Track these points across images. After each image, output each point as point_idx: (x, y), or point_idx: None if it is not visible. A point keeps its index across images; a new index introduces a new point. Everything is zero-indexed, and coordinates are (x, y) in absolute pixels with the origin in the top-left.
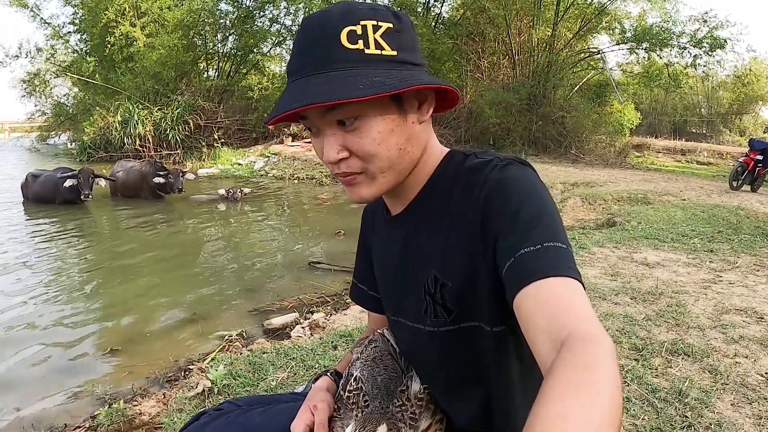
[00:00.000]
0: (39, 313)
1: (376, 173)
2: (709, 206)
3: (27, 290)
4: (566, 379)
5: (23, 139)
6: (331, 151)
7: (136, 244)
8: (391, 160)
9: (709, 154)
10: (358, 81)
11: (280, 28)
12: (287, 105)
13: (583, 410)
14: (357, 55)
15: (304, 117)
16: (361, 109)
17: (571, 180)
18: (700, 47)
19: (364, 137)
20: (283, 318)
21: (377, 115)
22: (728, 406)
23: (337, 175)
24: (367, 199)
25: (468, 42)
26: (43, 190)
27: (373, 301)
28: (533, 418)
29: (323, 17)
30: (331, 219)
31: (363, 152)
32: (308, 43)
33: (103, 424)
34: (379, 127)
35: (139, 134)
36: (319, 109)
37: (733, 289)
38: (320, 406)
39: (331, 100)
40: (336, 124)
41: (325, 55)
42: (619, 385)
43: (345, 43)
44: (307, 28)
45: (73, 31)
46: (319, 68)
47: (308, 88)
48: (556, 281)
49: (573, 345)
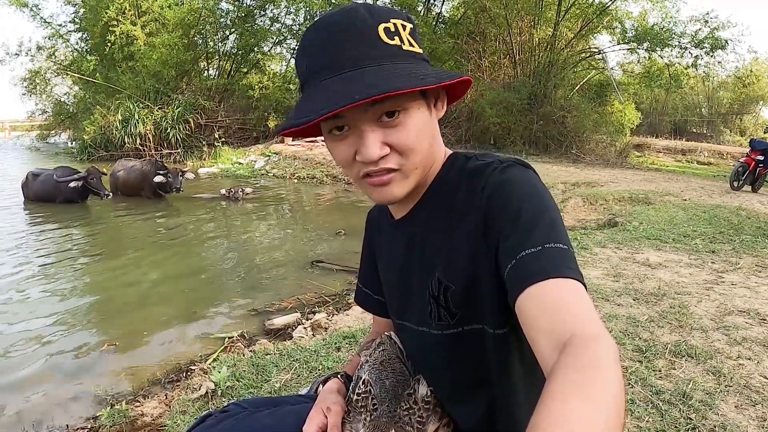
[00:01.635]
0: (39, 313)
1: (410, 170)
2: (710, 207)
3: (27, 290)
4: (569, 380)
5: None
6: (374, 147)
7: (137, 243)
8: (423, 156)
9: (709, 154)
10: (410, 73)
11: (280, 27)
12: (335, 102)
13: (587, 411)
14: (397, 51)
15: (335, 117)
16: (405, 102)
17: (572, 180)
18: (701, 48)
19: (406, 131)
20: (285, 318)
21: (416, 108)
22: (732, 408)
23: (365, 176)
24: (397, 199)
25: (469, 41)
26: (43, 189)
27: (378, 305)
28: (537, 419)
29: (351, 14)
30: (331, 218)
31: (405, 147)
32: (341, 39)
33: (105, 425)
34: (419, 122)
35: (140, 133)
36: (366, 104)
37: (735, 291)
38: (333, 408)
39: (401, 88)
40: (375, 120)
41: (367, 50)
42: (623, 386)
43: (385, 39)
44: (333, 25)
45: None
46: (361, 63)
47: (360, 81)
48: (557, 282)
49: (575, 346)
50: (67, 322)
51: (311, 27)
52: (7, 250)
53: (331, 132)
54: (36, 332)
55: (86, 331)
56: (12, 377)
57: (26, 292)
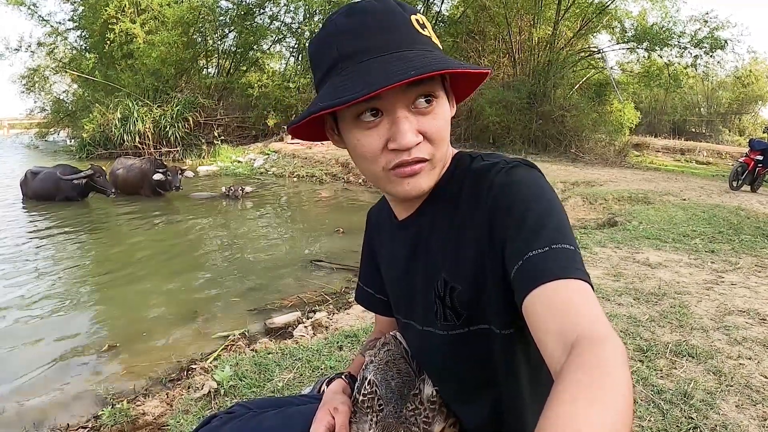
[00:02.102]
0: (39, 312)
1: (437, 161)
2: (709, 206)
3: (27, 289)
4: (577, 381)
5: (22, 135)
6: (409, 134)
7: (137, 241)
8: (447, 146)
9: (708, 153)
10: (445, 59)
11: (279, 25)
12: (389, 78)
13: (595, 412)
14: (429, 41)
15: (371, 100)
16: (438, 89)
17: (571, 179)
18: (701, 47)
19: (438, 120)
20: (285, 317)
21: (444, 99)
22: (733, 408)
23: (395, 167)
24: (424, 191)
25: (468, 40)
26: (43, 187)
27: (381, 304)
28: (544, 421)
29: (385, 3)
30: (330, 216)
31: (437, 135)
32: (378, 25)
33: (106, 425)
34: (446, 110)
35: (139, 131)
36: (405, 85)
37: (735, 290)
38: (341, 408)
39: (452, 68)
40: (409, 106)
41: (404, 36)
42: (631, 387)
43: (417, 28)
44: (368, 12)
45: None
46: (399, 47)
47: (408, 61)
48: (564, 283)
49: (583, 347)
50: (67, 321)
51: (340, 14)
52: (7, 249)
53: (359, 118)
54: (36, 332)
55: (87, 331)
56: (13, 377)
57: (26, 292)
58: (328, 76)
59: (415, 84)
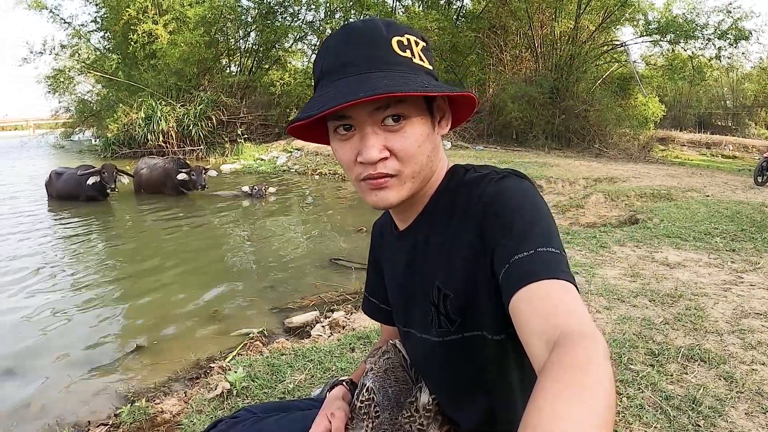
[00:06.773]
0: (62, 310)
1: (407, 177)
2: (733, 203)
3: (50, 287)
4: (558, 379)
5: (48, 135)
6: (373, 150)
7: (160, 240)
8: (422, 165)
9: (734, 147)
10: (417, 82)
11: (301, 23)
12: (343, 97)
13: (577, 408)
14: (408, 62)
15: (343, 116)
16: (409, 109)
17: (594, 175)
18: (725, 39)
19: (407, 139)
20: (304, 316)
21: (419, 119)
22: (742, 415)
23: (365, 179)
24: (392, 204)
25: (490, 35)
26: (66, 187)
27: (385, 314)
28: (527, 419)
29: (369, 25)
30: (352, 215)
31: (404, 153)
32: (356, 45)
33: (125, 422)
34: (420, 131)
35: (162, 130)
36: (372, 105)
37: (754, 292)
38: (337, 414)
39: (404, 91)
40: (379, 123)
41: (380, 56)
42: (613, 383)
43: (396, 50)
44: (351, 33)
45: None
46: (373, 68)
47: (367, 82)
48: (549, 283)
49: (565, 344)
50: (89, 318)
51: (333, 32)
52: (31, 246)
53: (336, 131)
54: (58, 329)
55: (108, 328)
56: (36, 373)
57: (50, 290)
58: (317, 88)
59: (382, 103)
